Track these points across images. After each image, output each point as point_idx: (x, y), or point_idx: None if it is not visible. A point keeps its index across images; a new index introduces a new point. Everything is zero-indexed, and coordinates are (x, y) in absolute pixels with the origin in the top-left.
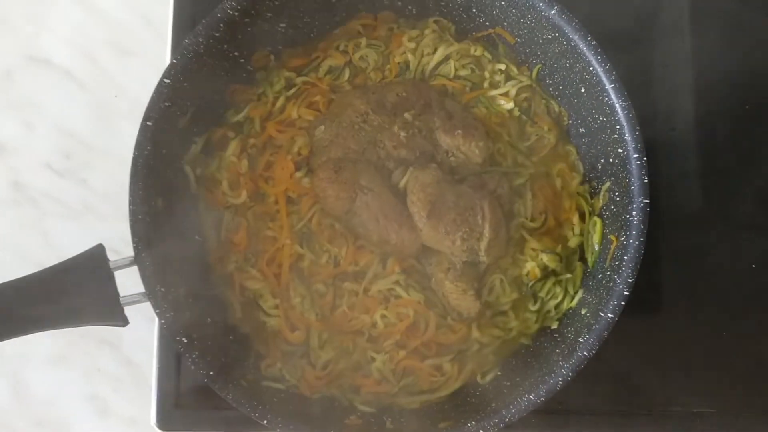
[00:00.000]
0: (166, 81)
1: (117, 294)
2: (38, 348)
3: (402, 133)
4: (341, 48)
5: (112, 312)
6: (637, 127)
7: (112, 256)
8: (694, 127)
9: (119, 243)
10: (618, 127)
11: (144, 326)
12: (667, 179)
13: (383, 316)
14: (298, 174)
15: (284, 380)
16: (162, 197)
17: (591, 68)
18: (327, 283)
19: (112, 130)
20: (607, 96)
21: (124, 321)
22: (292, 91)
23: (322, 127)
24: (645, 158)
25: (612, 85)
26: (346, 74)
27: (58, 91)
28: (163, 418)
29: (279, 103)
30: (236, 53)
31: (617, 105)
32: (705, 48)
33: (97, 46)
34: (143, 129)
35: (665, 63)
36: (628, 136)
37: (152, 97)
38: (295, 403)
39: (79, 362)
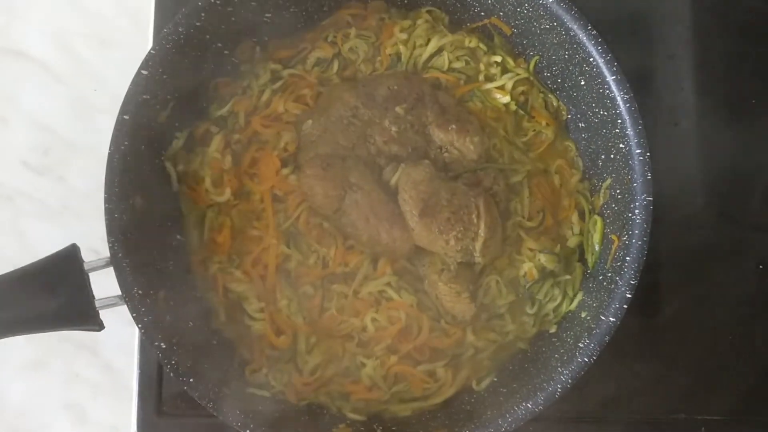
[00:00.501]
0: (144, 72)
1: (92, 296)
2: (13, 353)
3: (393, 128)
4: (330, 39)
5: (86, 315)
6: (640, 121)
7: (91, 257)
8: (697, 122)
9: (99, 243)
10: (620, 121)
11: (124, 330)
12: (669, 176)
13: (374, 320)
14: (285, 171)
15: (270, 387)
16: (141, 195)
17: (591, 59)
18: (315, 285)
19: (91, 126)
20: (608, 88)
21: (99, 325)
22: (278, 84)
23: (310, 121)
24: (648, 153)
25: (613, 77)
26: (335, 66)
27: (34, 85)
28: (144, 426)
29: (264, 97)
30: (219, 44)
31: (619, 98)
32: (707, 38)
33: (75, 37)
34: (120, 123)
35: (669, 54)
36: (630, 131)
37: (129, 90)
38: (281, 410)
39: (56, 368)
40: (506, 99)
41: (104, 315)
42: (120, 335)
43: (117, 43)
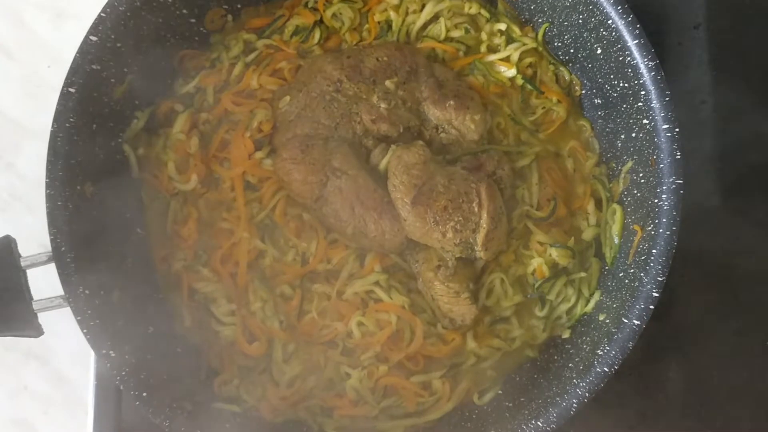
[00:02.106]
0: (93, 39)
1: (29, 297)
2: None
3: (383, 105)
4: (310, 5)
5: (20, 319)
6: (668, 92)
7: (36, 251)
8: (726, 100)
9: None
10: (643, 92)
11: (79, 337)
12: (692, 164)
13: (360, 324)
14: (259, 154)
15: (241, 401)
16: (92, 181)
17: (609, 22)
18: (293, 285)
19: (44, 106)
20: (629, 55)
21: (36, 330)
22: (252, 56)
23: (288, 98)
24: (677, 129)
25: (636, 41)
26: (317, 36)
27: None
28: None
29: (236, 71)
30: (185, 11)
31: (642, 65)
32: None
33: (27, 7)
34: (64, 96)
35: (695, 23)
36: (655, 103)
37: (75, 58)
38: (253, 429)
39: (2, 379)
40: (512, 72)
41: (52, 318)
42: (73, 343)
43: (74, 14)
